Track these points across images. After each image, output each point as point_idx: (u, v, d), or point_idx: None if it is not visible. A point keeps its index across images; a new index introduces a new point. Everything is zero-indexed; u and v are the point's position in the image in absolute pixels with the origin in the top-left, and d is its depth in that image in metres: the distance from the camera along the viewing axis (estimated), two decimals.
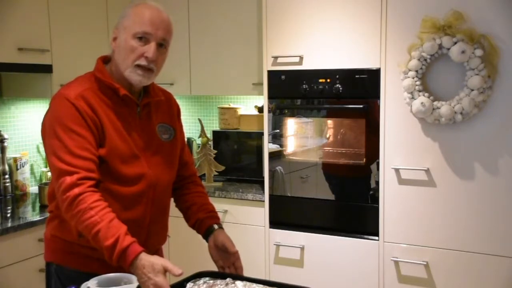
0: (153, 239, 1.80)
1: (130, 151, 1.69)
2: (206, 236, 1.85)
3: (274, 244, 2.98)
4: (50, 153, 1.63)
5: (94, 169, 1.59)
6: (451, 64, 2.44)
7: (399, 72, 2.56)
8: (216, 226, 1.85)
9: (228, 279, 1.61)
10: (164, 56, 1.74)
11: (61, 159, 1.57)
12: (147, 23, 1.66)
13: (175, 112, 1.92)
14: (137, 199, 1.71)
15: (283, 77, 2.90)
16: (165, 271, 1.49)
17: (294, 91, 2.88)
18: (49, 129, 1.64)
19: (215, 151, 3.46)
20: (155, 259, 1.50)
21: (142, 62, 1.67)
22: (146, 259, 1.49)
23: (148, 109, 1.79)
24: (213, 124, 3.83)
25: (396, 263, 2.66)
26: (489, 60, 2.36)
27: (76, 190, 1.53)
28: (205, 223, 1.86)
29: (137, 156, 1.71)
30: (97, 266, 1.65)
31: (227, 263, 1.80)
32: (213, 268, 1.74)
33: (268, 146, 3.02)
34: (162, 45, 1.71)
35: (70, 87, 1.69)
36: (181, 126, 1.95)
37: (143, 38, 1.66)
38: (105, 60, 1.78)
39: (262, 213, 3.04)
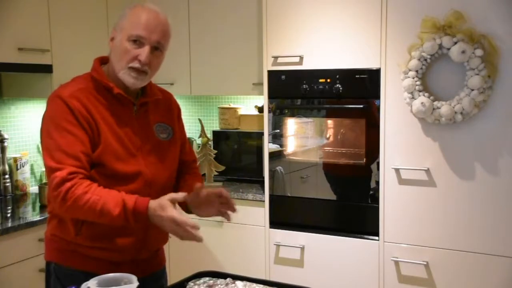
0: (152, 239, 1.79)
1: (126, 149, 1.70)
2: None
3: (274, 244, 2.98)
4: (44, 152, 1.66)
5: (85, 166, 1.62)
6: (451, 64, 2.44)
7: (399, 72, 2.55)
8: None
9: (228, 279, 1.62)
10: (160, 59, 1.74)
11: (52, 157, 1.60)
12: (142, 26, 1.67)
13: (175, 112, 1.92)
14: None
15: (283, 77, 2.90)
16: (173, 203, 1.58)
17: (294, 91, 2.88)
18: (44, 129, 1.67)
19: (215, 151, 3.46)
20: (160, 199, 1.59)
21: (135, 64, 1.68)
22: (154, 202, 1.58)
23: (145, 108, 1.80)
24: (213, 124, 3.83)
25: (396, 263, 2.66)
26: (489, 60, 2.36)
27: (68, 184, 1.56)
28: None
29: (133, 154, 1.71)
30: (95, 265, 1.67)
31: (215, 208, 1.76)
32: (213, 268, 1.74)
33: (268, 146, 3.02)
34: (157, 48, 1.71)
35: (65, 87, 1.71)
36: (181, 126, 1.95)
37: (137, 41, 1.67)
38: (104, 60, 1.79)
39: (262, 213, 3.04)
